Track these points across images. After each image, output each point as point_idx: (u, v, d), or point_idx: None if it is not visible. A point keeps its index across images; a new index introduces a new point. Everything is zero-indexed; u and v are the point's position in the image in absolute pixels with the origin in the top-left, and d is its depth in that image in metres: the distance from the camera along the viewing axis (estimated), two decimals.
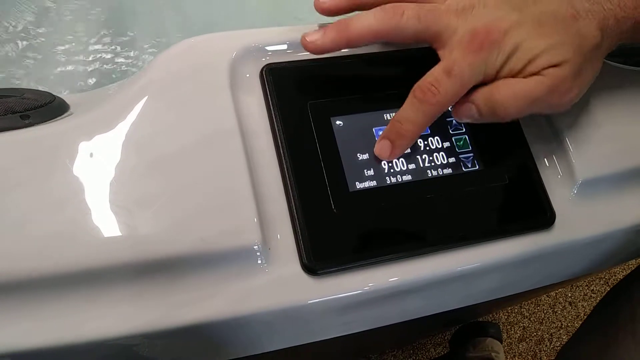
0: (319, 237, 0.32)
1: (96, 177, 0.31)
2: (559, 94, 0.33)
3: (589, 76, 0.34)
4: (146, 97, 0.33)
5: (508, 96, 0.33)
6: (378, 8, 0.34)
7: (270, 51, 0.36)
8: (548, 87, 0.32)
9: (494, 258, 0.34)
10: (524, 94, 0.33)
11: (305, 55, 0.36)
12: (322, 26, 0.36)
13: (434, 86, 0.32)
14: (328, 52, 0.34)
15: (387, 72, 0.37)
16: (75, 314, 0.29)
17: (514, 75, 0.33)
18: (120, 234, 0.30)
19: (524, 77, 0.33)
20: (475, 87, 0.33)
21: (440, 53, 0.34)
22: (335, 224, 0.33)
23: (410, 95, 0.33)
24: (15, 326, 0.29)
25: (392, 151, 0.34)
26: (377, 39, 0.34)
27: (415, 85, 0.33)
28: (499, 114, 0.33)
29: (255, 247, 0.31)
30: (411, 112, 0.33)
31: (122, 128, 0.32)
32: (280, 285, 0.31)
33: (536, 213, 0.35)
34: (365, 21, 0.33)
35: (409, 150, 0.35)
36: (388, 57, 0.38)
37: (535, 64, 0.32)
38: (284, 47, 0.37)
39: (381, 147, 0.34)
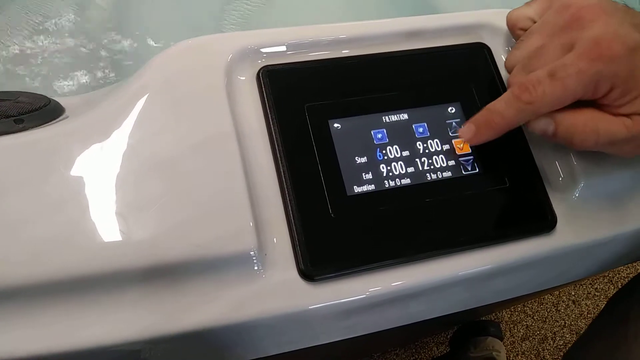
0: (316, 242, 0.32)
1: (91, 182, 0.30)
2: (636, 144, 0.32)
3: None
4: (141, 101, 0.33)
5: (590, 131, 0.31)
6: None
7: (267, 53, 0.36)
8: (631, 134, 0.31)
9: (494, 263, 0.34)
10: (607, 134, 0.31)
11: (302, 56, 0.36)
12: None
13: (533, 86, 0.30)
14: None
15: (386, 74, 0.37)
16: (72, 321, 0.29)
17: (613, 103, 0.31)
18: (114, 240, 0.29)
19: (614, 114, 0.31)
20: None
21: None
22: (332, 228, 0.32)
23: (508, 89, 0.32)
24: (13, 332, 0.28)
25: (474, 137, 0.33)
26: None
27: (517, 80, 0.32)
28: (575, 144, 0.32)
29: (251, 252, 0.30)
30: (504, 106, 0.32)
31: (117, 132, 0.32)
32: (276, 292, 0.31)
33: (537, 217, 0.35)
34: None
35: (407, 153, 0.35)
36: (387, 58, 0.37)
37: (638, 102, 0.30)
38: (281, 48, 0.36)
39: (466, 130, 0.33)
